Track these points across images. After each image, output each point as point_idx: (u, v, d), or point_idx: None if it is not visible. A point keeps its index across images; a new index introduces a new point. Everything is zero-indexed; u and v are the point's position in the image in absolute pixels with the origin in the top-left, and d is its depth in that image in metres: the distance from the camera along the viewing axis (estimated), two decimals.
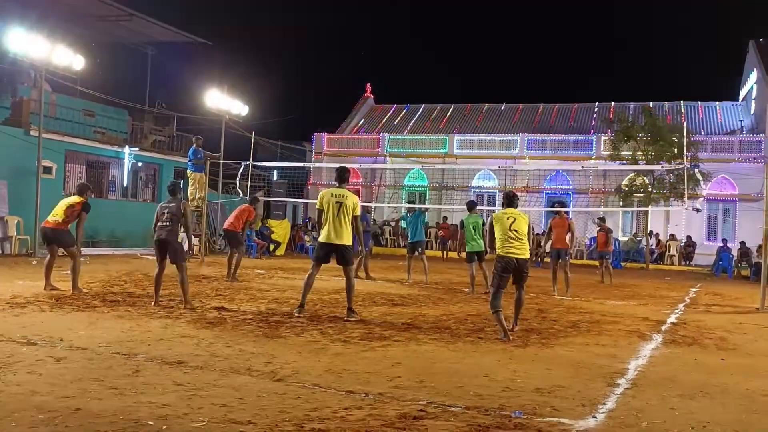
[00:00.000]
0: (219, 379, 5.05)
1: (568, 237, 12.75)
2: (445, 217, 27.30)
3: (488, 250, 9.06)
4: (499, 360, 6.21)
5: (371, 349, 6.41)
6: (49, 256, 9.83)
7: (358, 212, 8.28)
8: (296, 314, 8.14)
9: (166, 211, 8.64)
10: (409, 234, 14.28)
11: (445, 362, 6.02)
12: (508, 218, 7.62)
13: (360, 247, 11.17)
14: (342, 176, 8.44)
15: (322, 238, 8.27)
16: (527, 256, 7.64)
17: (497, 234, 7.62)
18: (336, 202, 8.14)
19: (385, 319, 8.30)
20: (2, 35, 16.06)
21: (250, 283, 12.16)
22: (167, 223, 8.57)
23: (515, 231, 7.51)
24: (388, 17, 75.12)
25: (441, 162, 31.26)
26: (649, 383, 5.54)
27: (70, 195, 10.80)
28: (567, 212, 13.76)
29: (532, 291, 12.73)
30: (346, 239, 8.14)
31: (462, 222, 12.48)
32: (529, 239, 7.89)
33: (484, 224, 11.74)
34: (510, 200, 7.95)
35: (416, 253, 13.95)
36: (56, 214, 9.75)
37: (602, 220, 17.02)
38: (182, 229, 9.06)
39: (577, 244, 24.25)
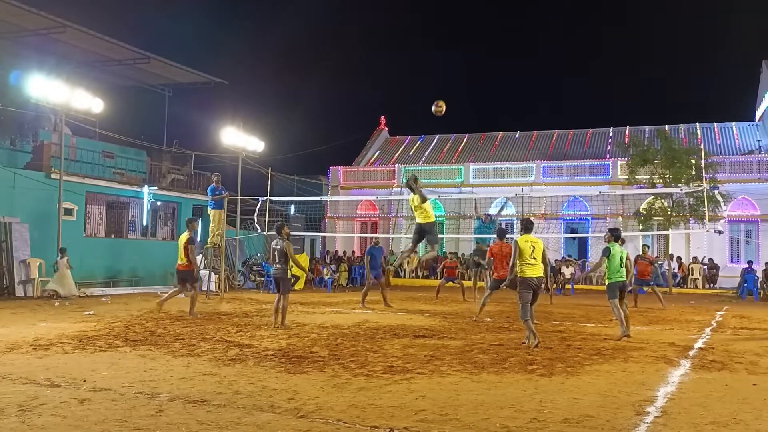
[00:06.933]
0: (242, 416, 5.01)
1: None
2: (445, 252, 24.76)
3: (509, 275, 9.49)
4: (524, 390, 6.11)
5: (394, 383, 6.34)
6: (179, 288, 12.27)
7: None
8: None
9: (276, 254, 10.77)
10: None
11: (470, 394, 5.93)
12: (530, 246, 8.97)
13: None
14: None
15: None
16: (542, 274, 9.04)
17: (521, 259, 8.93)
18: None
19: (408, 352, 8.23)
20: (24, 82, 16.45)
21: (271, 318, 12.12)
22: (278, 265, 10.76)
23: (534, 258, 8.95)
24: (400, 51, 76.07)
25: (457, 191, 31.27)
26: (679, 411, 5.42)
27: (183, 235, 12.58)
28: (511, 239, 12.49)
29: (555, 319, 12.61)
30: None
31: (608, 250, 10.24)
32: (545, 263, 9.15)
33: (628, 257, 10.50)
34: (527, 227, 9.29)
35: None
36: (181, 258, 12.10)
37: (646, 247, 17.04)
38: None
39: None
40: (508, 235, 13.33)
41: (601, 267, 10.43)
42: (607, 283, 10.29)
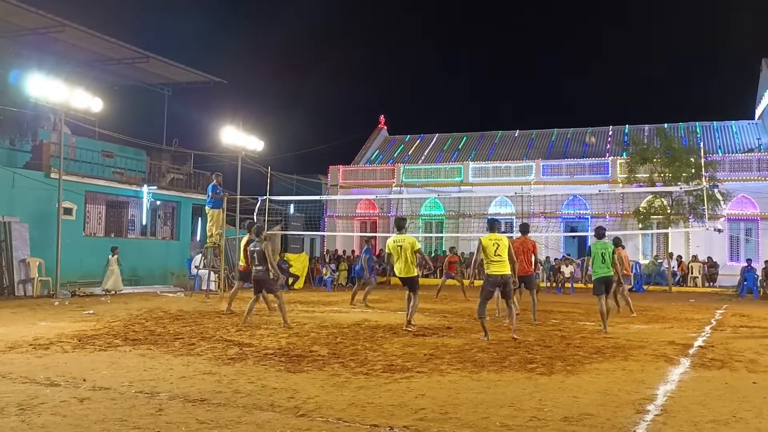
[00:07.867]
0: (242, 415, 5.01)
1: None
2: (444, 251, 24.98)
3: (474, 272, 10.20)
4: (524, 389, 6.11)
5: (394, 381, 6.34)
6: (241, 286, 13.32)
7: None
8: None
9: (255, 255, 10.57)
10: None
11: (470, 392, 5.93)
12: (494, 244, 9.38)
13: None
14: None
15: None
16: (508, 272, 9.43)
17: (485, 256, 9.36)
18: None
19: (407, 350, 8.22)
20: (23, 81, 16.42)
21: (270, 317, 12.13)
22: (260, 267, 10.50)
23: (499, 255, 9.34)
24: (400, 51, 76.02)
25: (457, 190, 31.27)
26: (679, 409, 5.42)
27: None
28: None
29: (554, 317, 12.61)
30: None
31: (589, 249, 11.15)
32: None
33: (613, 252, 10.96)
34: (492, 225, 9.76)
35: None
36: (241, 259, 12.85)
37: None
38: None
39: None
40: (509, 234, 13.33)
41: (590, 266, 11.14)
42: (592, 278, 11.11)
